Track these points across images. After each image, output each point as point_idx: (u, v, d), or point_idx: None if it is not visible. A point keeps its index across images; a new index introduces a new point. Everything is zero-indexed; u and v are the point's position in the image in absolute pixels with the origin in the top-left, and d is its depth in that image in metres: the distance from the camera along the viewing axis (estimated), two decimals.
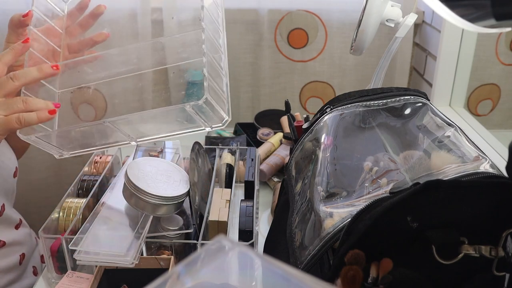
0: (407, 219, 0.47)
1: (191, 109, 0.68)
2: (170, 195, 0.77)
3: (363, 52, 0.90)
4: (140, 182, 0.76)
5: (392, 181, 0.58)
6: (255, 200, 0.89)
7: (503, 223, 0.47)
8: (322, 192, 0.60)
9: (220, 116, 0.73)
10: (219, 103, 0.71)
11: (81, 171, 0.97)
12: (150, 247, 0.79)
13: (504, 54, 1.39)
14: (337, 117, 0.70)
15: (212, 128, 0.74)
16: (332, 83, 1.52)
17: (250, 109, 1.57)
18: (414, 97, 0.71)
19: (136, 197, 0.76)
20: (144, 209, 0.77)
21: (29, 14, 0.80)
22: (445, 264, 0.47)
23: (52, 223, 0.83)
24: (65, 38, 0.89)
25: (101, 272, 0.74)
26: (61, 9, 0.91)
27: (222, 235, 0.37)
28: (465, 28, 0.47)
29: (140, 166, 0.80)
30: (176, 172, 0.83)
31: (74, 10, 0.89)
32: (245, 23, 1.46)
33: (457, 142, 0.61)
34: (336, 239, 0.53)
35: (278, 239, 0.70)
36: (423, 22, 1.43)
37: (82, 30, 0.89)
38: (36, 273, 0.99)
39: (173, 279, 0.35)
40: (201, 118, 0.71)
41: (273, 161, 1.11)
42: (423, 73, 1.43)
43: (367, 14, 0.85)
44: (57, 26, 0.88)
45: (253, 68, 1.51)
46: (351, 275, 0.45)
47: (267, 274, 0.36)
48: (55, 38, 0.88)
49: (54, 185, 1.58)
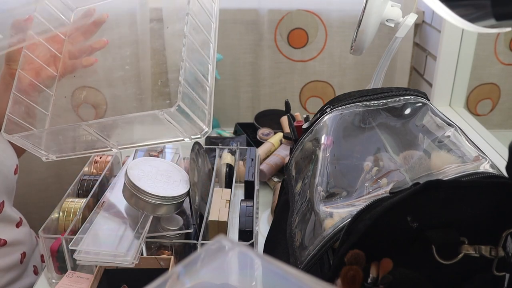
0: (407, 219, 0.47)
1: (164, 116, 0.67)
2: (170, 195, 0.77)
3: (363, 52, 0.90)
4: (140, 182, 0.76)
5: (392, 181, 0.58)
6: (255, 200, 0.89)
7: (503, 223, 0.47)
8: (322, 192, 0.60)
9: (199, 127, 0.71)
10: (196, 113, 0.69)
11: (81, 171, 0.97)
12: (150, 247, 0.79)
13: (503, 54, 1.39)
14: (337, 117, 0.70)
15: (191, 139, 0.72)
16: (332, 83, 1.52)
17: (250, 109, 1.57)
18: (414, 97, 0.71)
19: (136, 197, 0.76)
20: (144, 209, 0.77)
21: (30, 18, 0.82)
22: (445, 264, 0.47)
23: (52, 223, 0.83)
24: (67, 44, 0.90)
25: (101, 272, 0.74)
26: (67, 18, 0.92)
27: (222, 235, 0.37)
28: (465, 28, 0.47)
29: (140, 166, 0.80)
30: (176, 172, 0.83)
31: (79, 18, 0.91)
32: (245, 23, 1.46)
33: (457, 142, 0.61)
34: (336, 239, 0.53)
35: (278, 239, 0.70)
36: (423, 22, 1.43)
37: (85, 38, 0.91)
38: (36, 272, 1.00)
39: (173, 279, 0.35)
40: (176, 128, 0.69)
41: (273, 161, 1.11)
42: (423, 73, 1.43)
43: (367, 14, 0.85)
44: (61, 33, 0.89)
45: (253, 68, 1.51)
46: (351, 275, 0.45)
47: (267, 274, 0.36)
48: (58, 44, 0.89)
49: (54, 185, 1.58)
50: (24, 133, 0.76)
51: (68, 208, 0.85)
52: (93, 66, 0.90)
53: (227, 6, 1.43)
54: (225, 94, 1.55)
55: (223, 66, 1.49)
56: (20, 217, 0.97)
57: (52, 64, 0.89)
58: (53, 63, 0.89)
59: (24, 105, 0.82)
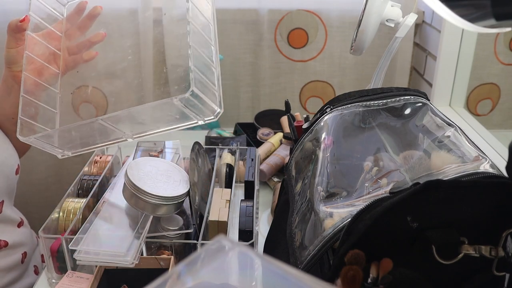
0: (407, 219, 0.47)
1: (179, 103, 0.68)
2: (170, 195, 0.77)
3: (363, 52, 0.90)
4: (140, 182, 0.76)
5: (392, 181, 0.58)
6: (255, 200, 0.89)
7: (503, 223, 0.47)
8: (322, 192, 0.60)
9: (212, 108, 0.72)
10: (208, 96, 0.71)
11: (81, 171, 0.97)
12: (150, 247, 0.79)
13: (503, 54, 1.39)
14: (337, 117, 0.70)
15: (205, 121, 0.73)
16: (332, 83, 1.52)
17: (250, 109, 1.57)
18: (414, 97, 0.71)
19: (136, 197, 0.76)
20: (144, 209, 0.77)
21: (26, 19, 0.82)
22: (445, 264, 0.47)
23: (52, 223, 0.83)
24: (65, 41, 0.90)
25: (101, 272, 0.74)
26: (60, 13, 0.92)
27: (222, 235, 0.37)
28: (465, 28, 0.47)
29: (140, 166, 0.80)
30: (176, 172, 0.83)
31: (72, 13, 0.91)
32: (245, 23, 1.46)
33: (457, 142, 0.61)
34: (336, 239, 0.53)
35: (278, 239, 0.70)
36: (423, 22, 1.43)
37: (81, 32, 0.90)
38: (37, 272, 1.00)
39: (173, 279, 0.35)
40: (191, 112, 0.70)
41: (273, 161, 1.11)
42: (423, 73, 1.43)
43: (367, 14, 0.85)
44: (56, 30, 0.89)
45: (253, 68, 1.51)
46: (351, 275, 0.45)
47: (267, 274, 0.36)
48: (55, 41, 0.89)
49: (54, 185, 1.58)
50: (39, 134, 0.76)
51: (68, 208, 0.85)
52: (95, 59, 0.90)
53: (227, 6, 1.44)
54: (225, 94, 1.55)
55: (223, 66, 1.49)
56: (21, 218, 0.97)
57: (53, 62, 0.89)
58: (54, 61, 0.89)
59: (33, 106, 0.82)
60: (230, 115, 1.57)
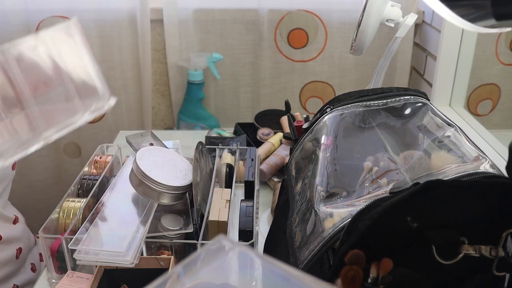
0: (407, 219, 0.47)
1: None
2: (180, 185, 0.81)
3: (363, 52, 0.90)
4: (152, 172, 0.79)
5: (392, 181, 0.58)
6: (255, 200, 0.89)
7: (503, 223, 0.47)
8: (322, 192, 0.60)
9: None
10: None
11: (81, 171, 0.97)
12: (150, 247, 0.79)
13: (504, 54, 1.39)
14: (337, 117, 0.70)
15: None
16: (332, 83, 1.52)
17: (250, 109, 1.57)
18: (414, 97, 0.71)
19: (144, 185, 0.79)
20: (149, 196, 0.80)
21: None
22: (445, 264, 0.47)
23: (52, 223, 0.83)
24: None
25: (101, 272, 0.74)
26: None
27: (222, 235, 0.37)
28: (465, 28, 0.47)
29: (147, 156, 0.83)
30: (179, 161, 0.87)
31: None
32: (245, 23, 1.46)
33: (457, 142, 0.61)
34: (336, 239, 0.53)
35: (278, 239, 0.70)
36: (423, 22, 1.43)
37: None
38: (34, 270, 1.00)
39: (173, 279, 0.35)
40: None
41: (273, 161, 1.11)
42: (423, 73, 1.43)
43: (367, 14, 0.85)
44: None
45: (253, 68, 1.51)
46: (351, 275, 0.45)
47: (267, 274, 0.36)
48: None
49: (54, 186, 1.58)
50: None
51: (68, 208, 0.85)
52: None
53: (227, 6, 1.44)
54: (225, 94, 1.55)
55: (223, 66, 1.49)
56: (16, 215, 0.97)
57: None
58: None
59: None
60: (230, 115, 1.57)
